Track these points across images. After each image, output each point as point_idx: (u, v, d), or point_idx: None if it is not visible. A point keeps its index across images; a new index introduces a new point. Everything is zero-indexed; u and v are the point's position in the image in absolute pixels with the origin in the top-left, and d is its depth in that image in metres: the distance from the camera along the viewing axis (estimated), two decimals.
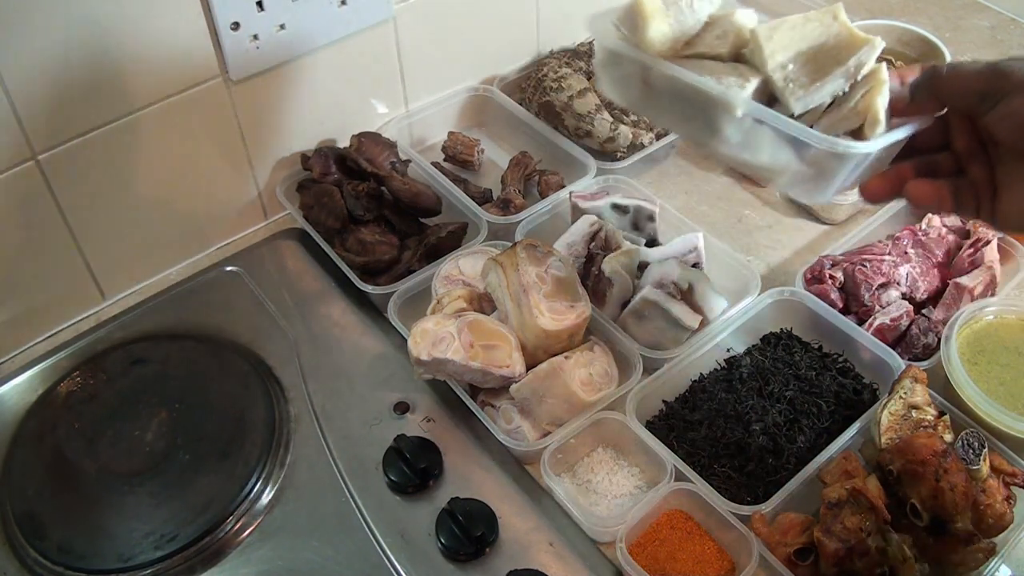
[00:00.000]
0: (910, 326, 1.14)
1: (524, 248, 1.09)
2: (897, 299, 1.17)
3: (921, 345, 1.12)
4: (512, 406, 1.06)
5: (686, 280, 1.14)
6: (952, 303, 1.16)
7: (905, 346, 1.13)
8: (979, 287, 1.16)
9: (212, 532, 0.99)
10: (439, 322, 1.05)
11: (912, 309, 1.16)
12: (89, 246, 1.20)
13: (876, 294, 1.16)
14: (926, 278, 1.19)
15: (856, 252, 1.22)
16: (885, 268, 1.17)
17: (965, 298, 1.15)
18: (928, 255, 1.22)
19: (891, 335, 1.14)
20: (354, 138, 1.35)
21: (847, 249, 1.25)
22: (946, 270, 1.22)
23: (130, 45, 1.08)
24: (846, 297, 1.18)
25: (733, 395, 1.09)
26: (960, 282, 1.16)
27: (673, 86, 0.86)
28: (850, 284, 1.18)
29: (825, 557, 0.90)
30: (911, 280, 1.18)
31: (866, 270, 1.17)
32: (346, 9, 1.25)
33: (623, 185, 1.33)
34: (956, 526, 0.90)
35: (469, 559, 0.96)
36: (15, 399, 1.13)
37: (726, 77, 0.84)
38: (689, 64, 0.88)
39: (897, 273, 1.18)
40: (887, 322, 1.13)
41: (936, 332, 1.13)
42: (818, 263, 1.20)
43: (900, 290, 1.18)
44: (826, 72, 0.82)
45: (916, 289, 1.18)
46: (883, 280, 1.17)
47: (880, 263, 1.18)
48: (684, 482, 0.99)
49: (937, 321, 1.14)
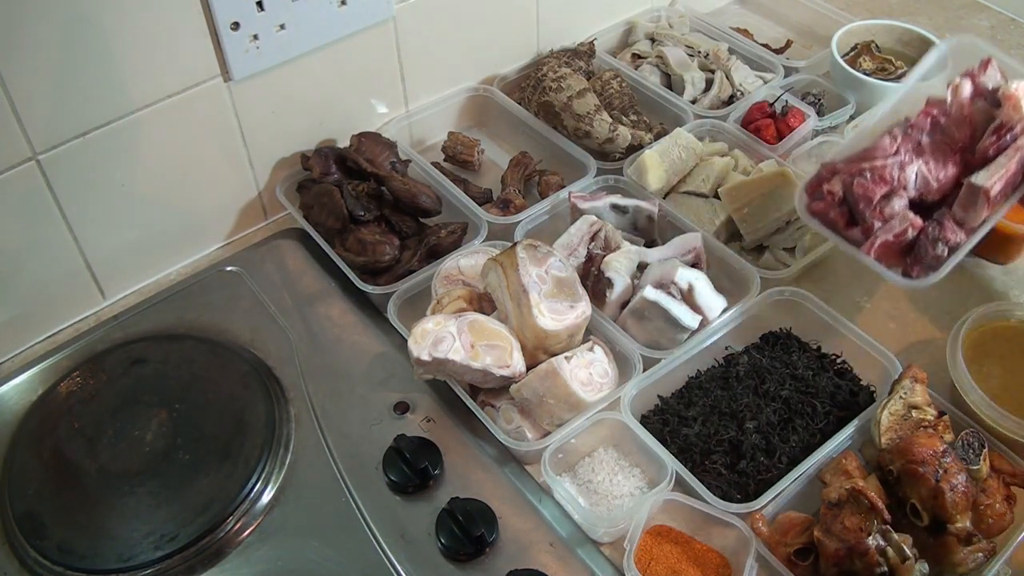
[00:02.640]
0: (918, 236, 1.04)
1: (524, 248, 1.09)
2: (902, 209, 1.05)
3: (931, 257, 1.02)
4: (512, 406, 1.06)
5: (686, 280, 1.14)
6: (968, 204, 1.03)
7: (914, 258, 1.03)
8: (997, 185, 1.01)
9: (212, 532, 0.99)
10: (439, 322, 1.05)
11: (918, 220, 1.05)
12: (89, 246, 1.20)
13: (878, 208, 1.04)
14: (941, 170, 1.06)
15: (858, 156, 1.08)
16: (889, 173, 1.05)
17: (981, 199, 1.02)
18: (947, 140, 1.07)
19: (896, 251, 1.04)
20: (354, 138, 1.35)
21: (851, 150, 1.11)
22: (969, 156, 1.07)
23: (130, 45, 1.09)
24: (848, 213, 1.07)
25: (729, 393, 1.09)
26: (975, 182, 1.02)
27: None
28: (849, 198, 1.07)
29: (825, 557, 0.90)
30: (922, 180, 1.05)
31: (865, 182, 1.04)
32: (346, 9, 1.25)
33: (622, 185, 1.33)
34: (956, 526, 0.90)
35: (469, 559, 0.96)
36: (15, 399, 1.13)
37: (706, 214, 1.29)
38: (679, 199, 1.33)
39: (904, 176, 1.05)
40: (890, 239, 1.03)
41: (948, 242, 1.02)
42: (818, 176, 1.09)
43: (908, 195, 1.05)
44: (770, 215, 1.25)
45: (928, 190, 1.05)
46: (886, 189, 1.04)
47: (883, 170, 1.05)
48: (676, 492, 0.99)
49: (949, 227, 1.02)
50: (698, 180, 1.33)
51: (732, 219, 1.28)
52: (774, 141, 1.39)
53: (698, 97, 1.51)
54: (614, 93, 1.45)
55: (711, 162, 1.33)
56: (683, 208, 1.31)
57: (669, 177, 1.32)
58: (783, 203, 1.25)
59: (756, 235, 1.27)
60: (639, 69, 1.55)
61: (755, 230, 1.26)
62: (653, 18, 1.67)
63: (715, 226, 1.28)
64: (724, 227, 1.29)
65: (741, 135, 1.40)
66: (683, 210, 1.30)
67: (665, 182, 1.32)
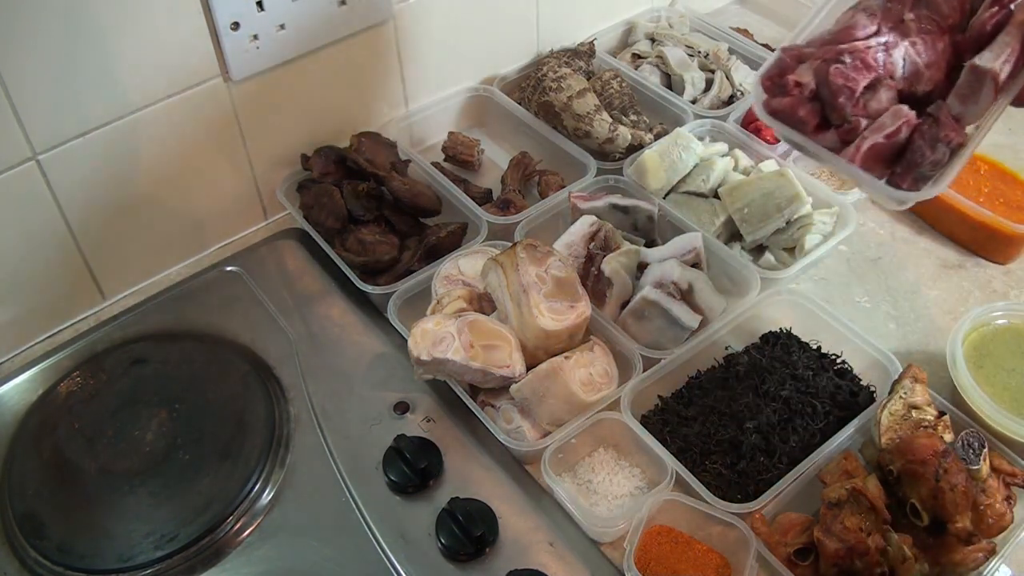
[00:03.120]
0: (912, 136, 0.84)
1: (524, 248, 1.09)
2: (890, 101, 0.85)
3: (928, 162, 0.83)
4: (512, 406, 1.06)
5: (686, 280, 1.14)
6: (970, 93, 0.84)
7: (907, 165, 0.84)
8: (1007, 67, 0.82)
9: (212, 532, 0.99)
10: (439, 322, 1.05)
11: (913, 116, 0.84)
12: (89, 246, 1.20)
13: (861, 101, 0.84)
14: (930, 53, 0.86)
15: (831, 38, 0.87)
16: (872, 58, 0.85)
17: (987, 85, 0.82)
18: (933, 16, 0.88)
19: (888, 155, 0.85)
20: (354, 138, 1.35)
21: (816, 32, 0.90)
22: (960, 36, 0.88)
23: (130, 45, 1.09)
24: (822, 108, 0.86)
25: (728, 393, 1.09)
26: (979, 64, 0.82)
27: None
28: (825, 91, 0.84)
29: (825, 557, 0.90)
30: (910, 66, 0.86)
31: (845, 69, 0.83)
32: (346, 9, 1.25)
33: (623, 185, 1.33)
34: (956, 526, 0.90)
35: (469, 559, 0.96)
36: (15, 399, 1.13)
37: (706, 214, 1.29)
38: (679, 199, 1.32)
39: (890, 61, 0.85)
40: (880, 140, 0.83)
41: (948, 142, 0.83)
42: (777, 64, 0.88)
43: (895, 86, 0.86)
44: (770, 215, 1.26)
45: (918, 79, 0.86)
46: (871, 77, 0.84)
47: (865, 53, 0.85)
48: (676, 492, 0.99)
49: (948, 124, 0.83)
50: (698, 180, 1.32)
51: (732, 219, 1.28)
52: (774, 141, 1.39)
53: (698, 97, 1.51)
54: (614, 93, 1.45)
55: (711, 162, 1.33)
56: (683, 208, 1.31)
57: (669, 177, 1.32)
58: (783, 203, 1.25)
59: (756, 235, 1.27)
60: (639, 69, 1.55)
61: (755, 230, 1.26)
62: (653, 18, 1.67)
63: (715, 226, 1.28)
64: (724, 227, 1.29)
65: (741, 135, 1.40)
66: (683, 210, 1.30)
67: (665, 182, 1.32)
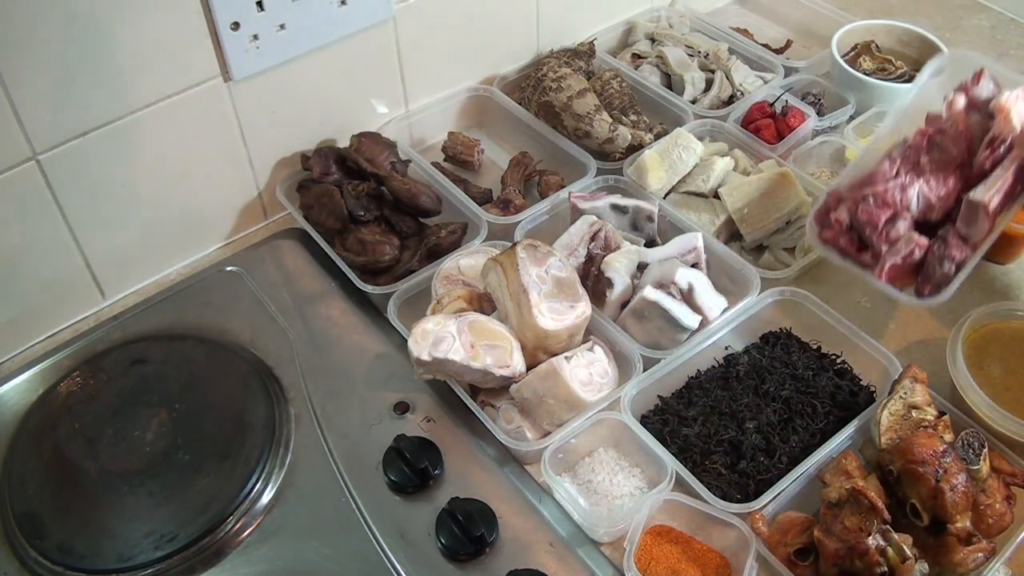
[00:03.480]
0: (926, 255, 1.07)
1: (524, 248, 1.09)
2: (907, 231, 1.07)
3: (939, 275, 1.05)
4: (512, 406, 1.06)
5: (686, 280, 1.14)
6: (969, 221, 1.06)
7: (924, 277, 1.07)
8: (996, 198, 1.04)
9: (212, 532, 0.99)
10: (439, 322, 1.05)
11: (923, 240, 1.08)
12: (89, 246, 1.20)
13: (883, 231, 1.07)
14: (942, 187, 1.08)
15: (860, 181, 1.12)
16: (891, 196, 1.08)
17: (981, 213, 1.04)
18: (945, 157, 1.10)
19: (906, 273, 1.07)
20: (354, 138, 1.35)
21: (855, 174, 1.15)
22: (968, 170, 1.10)
23: (130, 45, 1.09)
24: (858, 236, 1.11)
25: (729, 393, 1.09)
26: (972, 198, 1.05)
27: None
28: (856, 224, 1.10)
29: (825, 557, 0.90)
30: (923, 201, 1.08)
31: (869, 207, 1.08)
32: (346, 9, 1.25)
33: (622, 185, 1.33)
34: (956, 526, 0.90)
35: (469, 559, 0.96)
36: (15, 399, 1.13)
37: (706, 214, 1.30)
38: (679, 199, 1.33)
39: (906, 198, 1.08)
40: (898, 261, 1.06)
41: (954, 259, 1.05)
42: (824, 204, 1.13)
43: (911, 216, 1.08)
44: (770, 215, 1.26)
45: (930, 210, 1.09)
46: (890, 212, 1.08)
47: (885, 194, 1.08)
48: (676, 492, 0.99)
49: (954, 244, 1.05)
50: (698, 180, 1.33)
51: (732, 219, 1.28)
52: (774, 141, 1.39)
53: (698, 97, 1.51)
54: (614, 93, 1.45)
55: (711, 162, 1.33)
56: (683, 208, 1.31)
57: (669, 177, 1.33)
58: (783, 203, 1.26)
59: (756, 235, 1.27)
60: (639, 69, 1.55)
61: (755, 230, 1.26)
62: (653, 18, 1.67)
63: (715, 226, 1.28)
64: (724, 227, 1.29)
65: (741, 135, 1.40)
66: (683, 210, 1.30)
67: (665, 182, 1.33)
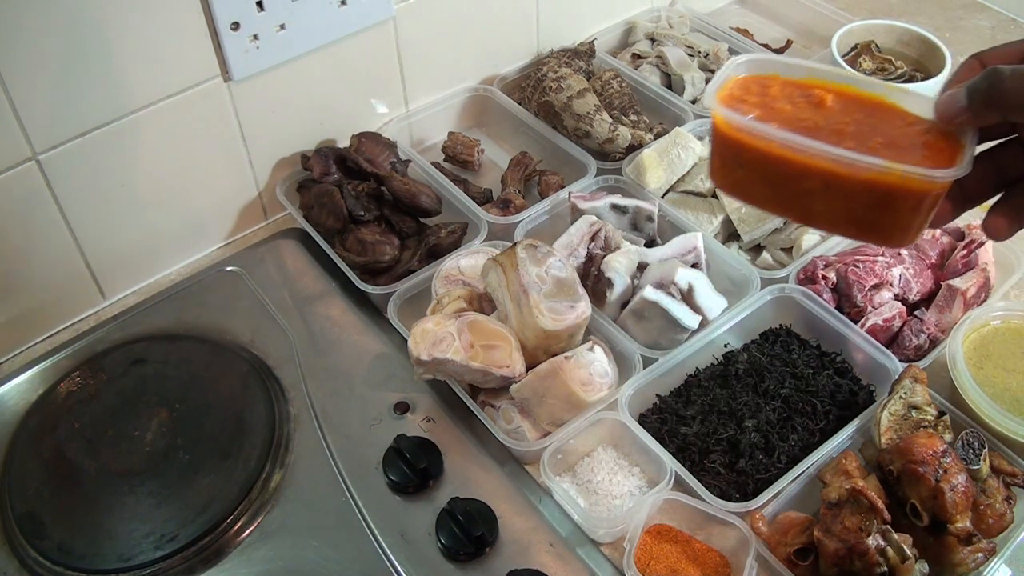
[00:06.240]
0: (902, 327, 1.14)
1: (524, 248, 1.09)
2: (890, 300, 1.17)
3: (913, 346, 1.12)
4: (512, 406, 1.06)
5: (686, 280, 1.14)
6: (945, 305, 1.15)
7: (897, 347, 1.13)
8: (972, 289, 1.15)
9: (212, 532, 0.99)
10: (439, 322, 1.05)
11: (905, 310, 1.16)
12: (89, 246, 1.20)
13: (869, 295, 1.16)
14: (919, 279, 1.19)
15: (849, 252, 1.22)
16: (878, 269, 1.17)
17: (958, 300, 1.14)
18: (922, 256, 1.22)
19: (883, 336, 1.14)
20: (354, 138, 1.35)
21: (841, 250, 1.25)
22: (939, 272, 1.22)
23: (130, 45, 1.09)
24: (839, 297, 1.19)
25: (728, 391, 1.09)
26: (953, 284, 1.15)
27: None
28: (843, 284, 1.17)
29: (825, 557, 0.90)
30: (904, 281, 1.18)
31: (859, 271, 1.17)
32: (346, 9, 1.25)
33: (622, 185, 1.33)
34: (956, 526, 0.90)
35: (469, 559, 0.96)
36: (15, 399, 1.13)
37: (704, 213, 1.30)
38: (678, 199, 1.33)
39: (890, 274, 1.18)
40: (879, 323, 1.13)
41: (928, 334, 1.13)
42: (811, 263, 1.20)
43: (893, 291, 1.18)
44: (766, 215, 1.25)
45: (909, 290, 1.18)
46: (876, 281, 1.17)
47: (873, 264, 1.18)
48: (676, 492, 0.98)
49: (929, 323, 1.14)
50: (697, 180, 1.33)
51: (730, 219, 1.28)
52: None
53: (698, 97, 1.51)
54: (614, 93, 1.45)
55: None
56: (683, 208, 1.31)
57: (667, 176, 1.33)
58: None
59: (754, 235, 1.27)
60: (639, 69, 1.55)
61: (753, 230, 1.27)
62: (653, 18, 1.67)
63: (713, 225, 1.28)
64: (722, 227, 1.29)
65: None
66: (683, 210, 1.30)
67: (663, 181, 1.32)
